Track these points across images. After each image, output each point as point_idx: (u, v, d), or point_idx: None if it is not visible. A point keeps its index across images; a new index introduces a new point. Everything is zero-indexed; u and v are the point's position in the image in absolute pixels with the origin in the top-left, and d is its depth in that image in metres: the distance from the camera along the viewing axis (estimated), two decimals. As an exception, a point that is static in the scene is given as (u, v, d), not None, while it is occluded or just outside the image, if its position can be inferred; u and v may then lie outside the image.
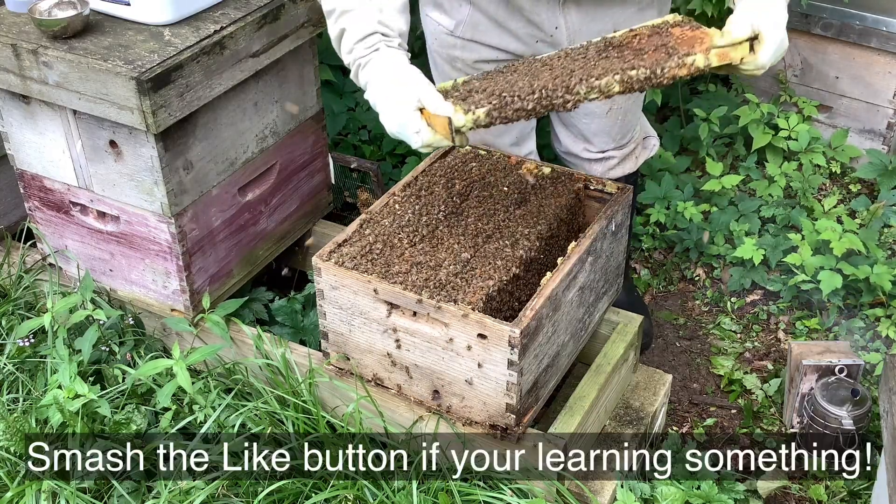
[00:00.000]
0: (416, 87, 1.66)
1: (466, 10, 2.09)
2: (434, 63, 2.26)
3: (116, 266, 2.24)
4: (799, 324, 2.66)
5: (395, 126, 1.68)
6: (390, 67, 1.70)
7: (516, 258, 1.90)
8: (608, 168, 2.39)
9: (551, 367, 1.91)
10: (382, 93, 1.70)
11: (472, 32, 2.12)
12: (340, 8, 1.74)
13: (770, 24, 1.67)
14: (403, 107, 1.65)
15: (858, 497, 2.15)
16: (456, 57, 2.17)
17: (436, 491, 1.86)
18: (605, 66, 1.69)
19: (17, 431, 1.91)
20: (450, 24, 2.13)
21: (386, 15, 1.74)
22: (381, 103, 1.70)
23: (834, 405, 2.17)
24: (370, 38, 1.73)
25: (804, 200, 2.98)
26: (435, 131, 1.64)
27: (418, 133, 1.65)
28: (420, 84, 1.67)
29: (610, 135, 2.34)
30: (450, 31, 2.14)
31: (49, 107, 2.06)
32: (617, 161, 2.40)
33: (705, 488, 2.02)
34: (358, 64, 1.74)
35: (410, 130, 1.65)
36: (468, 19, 2.10)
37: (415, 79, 1.68)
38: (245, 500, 1.92)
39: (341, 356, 2.00)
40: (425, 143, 1.66)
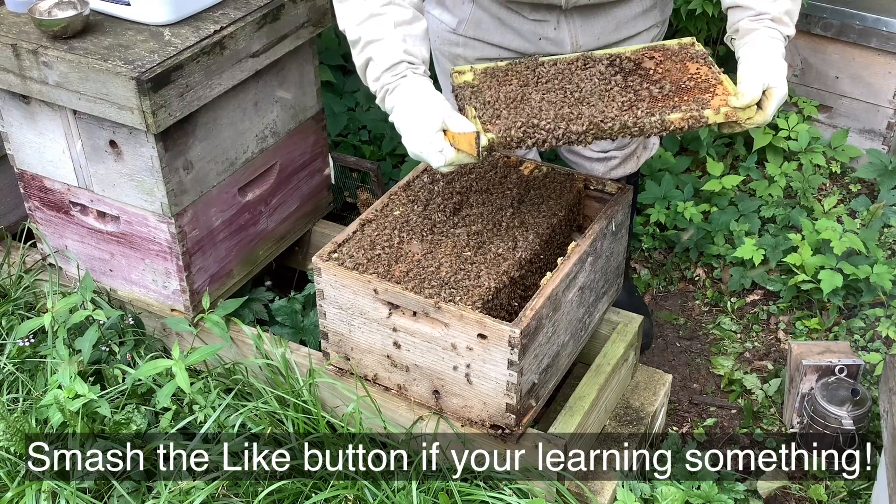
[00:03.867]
0: (440, 110, 1.72)
1: (469, 7, 2.10)
2: (437, 61, 2.26)
3: (116, 266, 2.24)
4: (799, 324, 2.66)
5: (418, 147, 1.73)
6: (416, 92, 1.76)
7: (516, 258, 1.90)
8: (610, 168, 2.39)
9: (551, 367, 1.91)
10: (407, 115, 1.75)
11: (474, 30, 2.12)
12: (366, 38, 1.78)
13: (778, 81, 1.75)
14: (427, 128, 1.71)
15: (858, 497, 2.15)
16: (458, 55, 2.17)
17: (436, 491, 1.86)
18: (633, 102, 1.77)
19: (17, 431, 1.91)
20: (452, 22, 2.14)
21: (410, 44, 1.79)
22: (405, 125, 1.76)
23: (834, 405, 2.17)
24: (398, 67, 1.77)
25: (804, 200, 2.98)
26: (458, 150, 1.70)
27: (441, 152, 1.71)
28: (444, 107, 1.73)
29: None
30: (452, 29, 2.15)
31: (49, 107, 2.06)
32: (619, 161, 2.39)
33: (705, 488, 2.02)
34: (385, 90, 1.79)
35: (434, 150, 1.71)
36: (471, 17, 2.11)
37: (439, 103, 1.74)
38: (245, 500, 1.92)
39: (341, 356, 2.00)
40: (448, 162, 1.72)
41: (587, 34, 2.09)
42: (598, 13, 2.06)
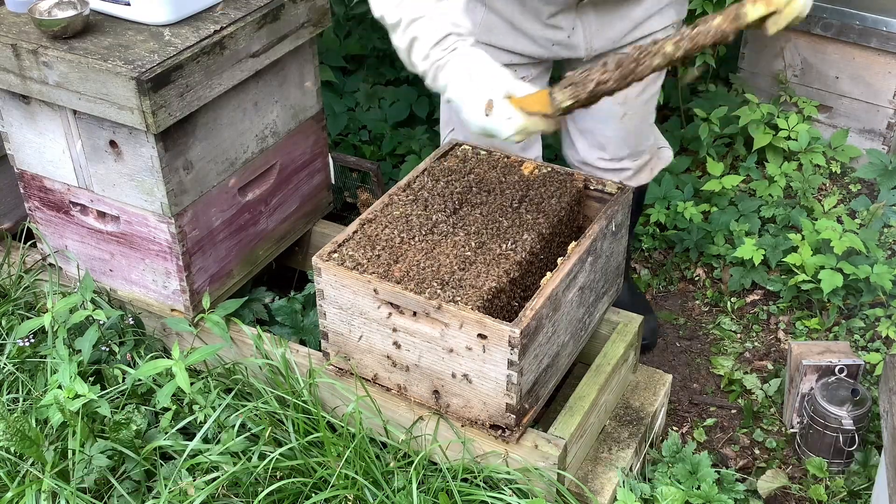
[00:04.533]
0: (502, 77, 1.66)
1: (481, 12, 2.06)
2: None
3: (116, 266, 2.24)
4: (799, 324, 2.66)
5: (484, 120, 1.65)
6: (471, 62, 1.69)
7: (516, 258, 1.90)
8: (623, 179, 2.36)
9: (551, 367, 1.91)
10: (466, 87, 1.68)
11: (487, 35, 2.08)
12: (408, 17, 1.72)
13: None
14: (492, 96, 1.64)
15: (858, 497, 2.15)
16: None
17: (436, 491, 1.86)
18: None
19: (17, 431, 1.90)
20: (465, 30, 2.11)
21: (454, 16, 1.72)
22: (465, 98, 1.68)
23: (834, 405, 2.17)
24: (446, 40, 1.71)
25: (804, 200, 2.98)
26: (529, 114, 1.62)
27: (510, 119, 1.63)
28: (505, 75, 1.67)
29: (626, 142, 2.32)
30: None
31: (49, 107, 2.06)
32: (632, 172, 2.38)
33: (705, 488, 2.02)
34: (436, 66, 1.72)
35: (503, 117, 1.63)
36: (483, 22, 2.07)
37: (499, 70, 1.67)
38: (245, 500, 1.92)
39: (341, 356, 2.00)
40: (518, 129, 1.64)
41: (602, 37, 2.08)
42: (613, 12, 2.04)
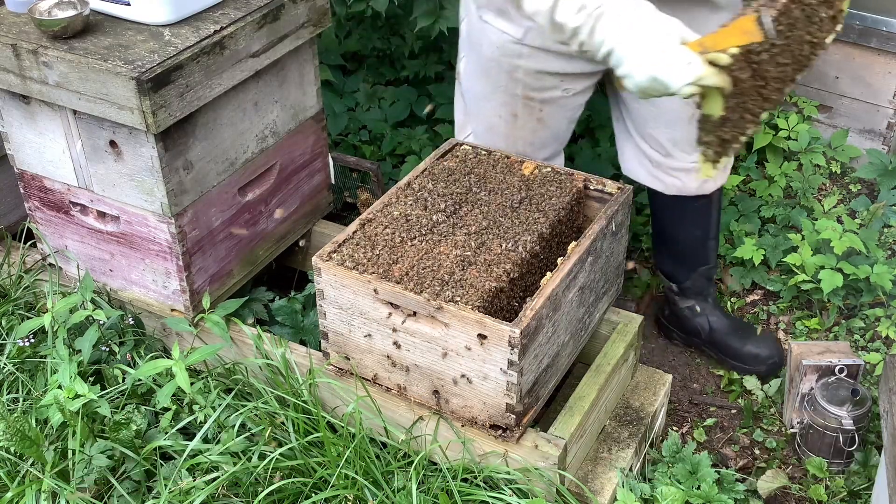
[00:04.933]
0: (673, 21, 1.58)
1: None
2: (486, 73, 2.16)
3: (116, 266, 2.24)
4: (799, 324, 2.66)
5: (658, 65, 1.55)
6: (634, 9, 1.59)
7: (516, 258, 1.90)
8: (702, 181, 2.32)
9: (551, 367, 1.91)
10: (636, 34, 1.58)
11: (541, 39, 2.03)
12: None
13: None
14: (668, 40, 1.55)
15: (858, 497, 2.15)
16: (518, 66, 2.09)
17: (436, 491, 1.86)
18: None
19: (17, 431, 1.90)
20: (517, 32, 2.04)
21: None
22: (636, 44, 1.58)
23: (834, 405, 2.17)
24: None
25: (804, 200, 2.98)
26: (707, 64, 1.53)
27: (690, 65, 1.54)
28: (675, 20, 1.58)
29: (687, 143, 2.25)
30: (517, 40, 2.05)
31: (49, 107, 2.06)
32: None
33: (705, 488, 2.02)
34: (595, 17, 1.62)
35: (682, 62, 1.53)
36: (537, 25, 1.96)
37: (667, 16, 1.58)
38: (245, 500, 1.92)
39: (341, 356, 2.00)
40: (696, 78, 1.54)
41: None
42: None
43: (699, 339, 2.59)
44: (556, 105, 2.18)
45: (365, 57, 3.51)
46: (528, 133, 2.22)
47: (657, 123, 2.22)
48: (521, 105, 2.17)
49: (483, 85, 2.19)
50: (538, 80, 2.11)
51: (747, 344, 2.51)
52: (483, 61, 2.15)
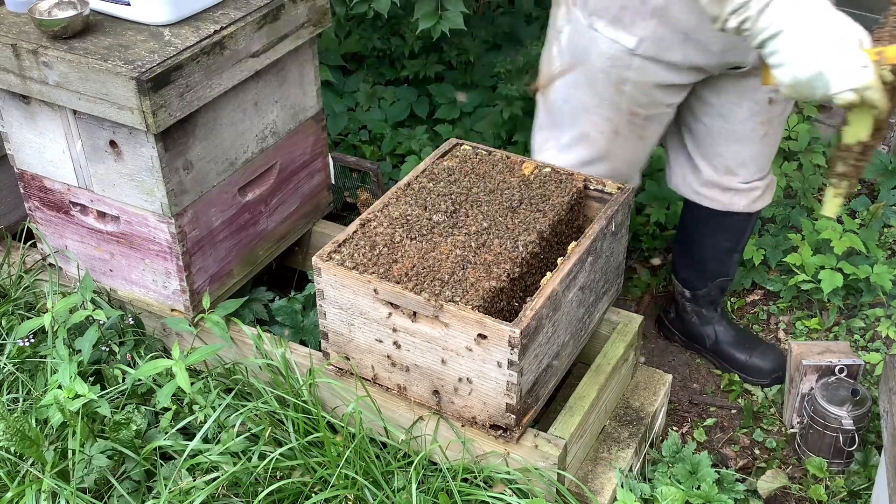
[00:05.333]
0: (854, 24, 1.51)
1: (652, 24, 1.92)
2: (592, 85, 2.07)
3: (116, 266, 2.24)
4: (799, 324, 2.66)
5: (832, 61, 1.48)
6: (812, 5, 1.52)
7: (516, 258, 1.90)
8: (752, 199, 2.31)
9: (551, 367, 1.91)
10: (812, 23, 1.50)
11: (655, 49, 1.95)
12: None
13: None
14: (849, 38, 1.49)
15: (858, 497, 2.15)
16: (627, 79, 2.02)
17: (436, 491, 1.86)
18: None
19: (17, 431, 1.90)
20: (630, 42, 1.96)
21: None
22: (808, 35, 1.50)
23: (834, 405, 2.17)
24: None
25: (804, 200, 2.98)
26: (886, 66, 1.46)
27: (865, 68, 1.47)
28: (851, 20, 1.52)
29: (758, 163, 2.26)
30: (630, 50, 1.97)
31: (49, 107, 2.06)
32: (760, 192, 2.31)
33: (705, 488, 2.02)
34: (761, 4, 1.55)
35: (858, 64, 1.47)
36: (653, 35, 1.93)
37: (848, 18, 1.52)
38: (245, 500, 1.92)
39: (341, 356, 2.00)
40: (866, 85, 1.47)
41: None
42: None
43: (702, 347, 2.59)
44: (656, 122, 2.13)
45: (365, 57, 3.51)
46: (628, 151, 2.17)
47: (727, 141, 2.19)
48: (625, 121, 2.10)
49: (588, 97, 2.09)
50: (646, 94, 2.04)
51: (752, 356, 2.49)
52: (590, 72, 2.05)
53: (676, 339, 2.65)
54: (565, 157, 2.20)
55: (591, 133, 2.14)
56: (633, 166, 2.23)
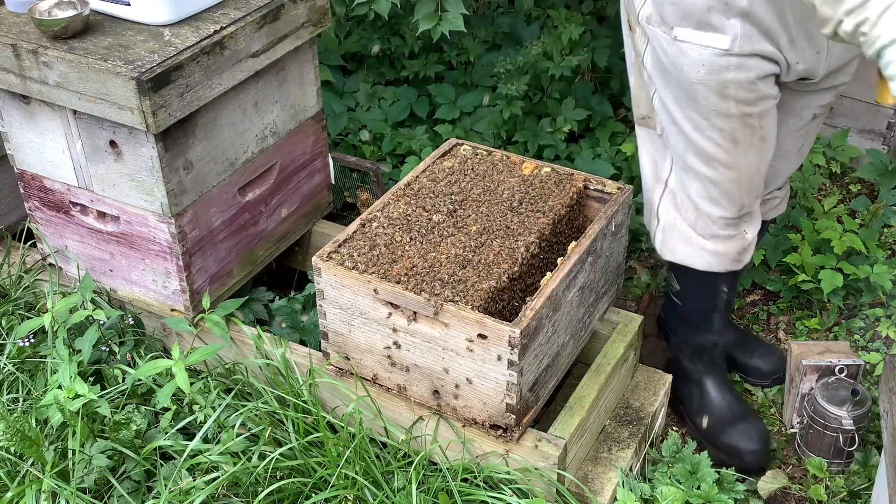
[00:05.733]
0: None
1: (738, 23, 1.84)
2: (693, 99, 1.96)
3: (116, 266, 2.24)
4: (799, 324, 2.66)
5: None
6: None
7: (516, 258, 1.90)
8: (770, 208, 2.31)
9: (551, 367, 1.91)
10: None
11: (750, 44, 1.86)
12: None
13: None
14: None
15: (858, 497, 2.15)
16: (729, 81, 1.90)
17: (436, 491, 1.86)
18: None
19: (17, 431, 1.91)
20: (724, 42, 1.85)
21: None
22: None
23: (834, 405, 2.17)
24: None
25: (804, 200, 2.98)
26: None
27: None
28: None
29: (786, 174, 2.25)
30: (725, 51, 1.86)
31: (49, 107, 2.06)
32: (778, 201, 2.32)
33: (705, 488, 2.02)
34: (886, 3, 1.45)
35: None
36: (742, 31, 1.84)
37: None
38: (245, 500, 1.92)
39: (341, 356, 2.00)
40: None
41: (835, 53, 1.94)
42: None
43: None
44: (770, 117, 1.99)
45: (365, 57, 3.51)
46: (753, 157, 2.02)
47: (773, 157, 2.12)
48: (739, 126, 1.96)
49: (693, 113, 1.98)
50: (751, 90, 1.92)
51: (753, 357, 2.48)
52: (687, 87, 1.94)
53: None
54: (691, 183, 2.08)
55: (707, 149, 2.00)
56: (764, 171, 2.08)
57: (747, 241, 2.16)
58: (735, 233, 2.13)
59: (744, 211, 2.10)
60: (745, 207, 2.10)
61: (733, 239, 2.14)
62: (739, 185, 2.04)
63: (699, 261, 2.17)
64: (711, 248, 2.15)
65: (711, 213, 2.09)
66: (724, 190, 2.05)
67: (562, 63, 3.03)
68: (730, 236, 2.14)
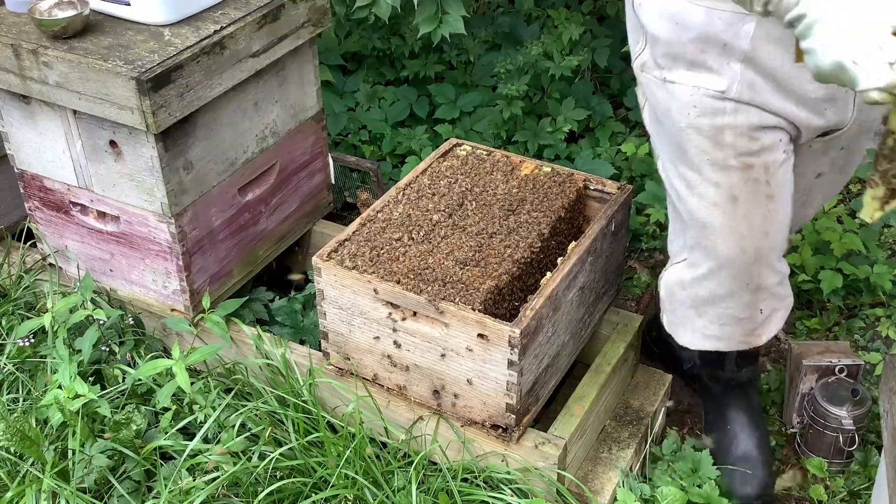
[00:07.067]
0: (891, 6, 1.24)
1: (737, 67, 1.63)
2: (683, 148, 1.72)
3: (116, 266, 2.24)
4: (799, 324, 2.65)
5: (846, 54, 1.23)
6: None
7: (516, 258, 1.90)
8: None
9: (551, 367, 1.91)
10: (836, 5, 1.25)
11: (749, 93, 1.64)
12: None
13: None
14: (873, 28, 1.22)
15: (858, 497, 2.15)
16: (725, 126, 1.66)
17: (436, 491, 1.86)
18: None
19: (17, 431, 1.91)
20: (720, 84, 1.64)
21: None
22: (831, 20, 1.25)
23: (834, 405, 2.17)
24: None
25: (804, 200, 2.98)
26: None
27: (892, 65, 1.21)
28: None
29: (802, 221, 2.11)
30: (720, 94, 1.64)
31: (49, 107, 2.06)
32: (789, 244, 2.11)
33: (706, 488, 2.02)
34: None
35: (879, 61, 1.21)
36: (742, 77, 1.63)
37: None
38: (245, 500, 1.92)
39: (341, 356, 2.00)
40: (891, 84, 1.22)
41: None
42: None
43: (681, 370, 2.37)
44: (783, 169, 1.71)
45: (365, 57, 3.51)
46: (757, 219, 1.73)
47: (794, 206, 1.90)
48: (740, 180, 1.69)
49: (685, 169, 1.74)
50: (753, 137, 1.67)
51: None
52: (677, 135, 1.71)
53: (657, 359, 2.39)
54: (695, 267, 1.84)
55: (701, 213, 1.74)
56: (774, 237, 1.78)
57: (757, 321, 1.87)
58: (743, 315, 1.84)
59: (754, 285, 1.81)
60: (753, 281, 1.80)
61: (739, 321, 1.86)
62: (743, 254, 1.75)
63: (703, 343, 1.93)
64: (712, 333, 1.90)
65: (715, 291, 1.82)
66: (723, 260, 1.77)
67: (562, 63, 3.03)
68: (734, 316, 1.85)
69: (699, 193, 1.72)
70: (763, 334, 1.92)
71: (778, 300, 1.88)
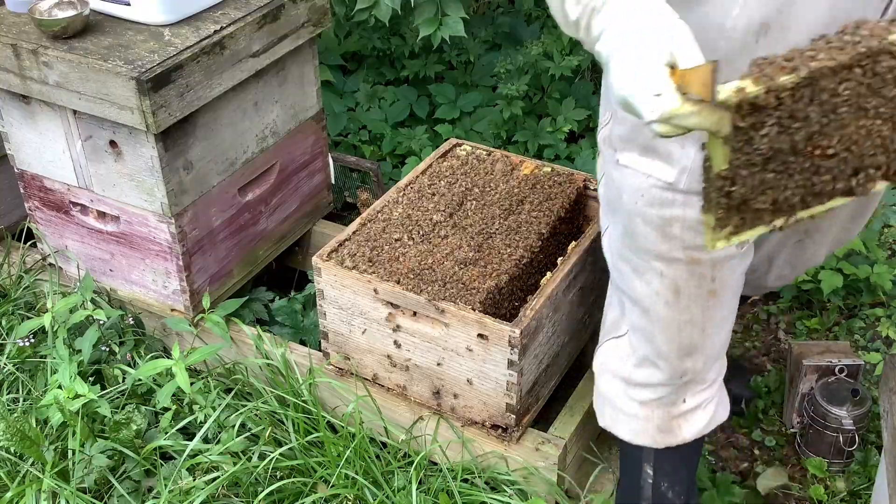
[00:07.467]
0: (669, 34, 1.17)
1: (692, 152, 1.48)
2: (631, 235, 1.61)
3: (116, 266, 2.24)
4: (799, 324, 2.66)
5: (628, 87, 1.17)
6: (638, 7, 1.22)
7: (516, 258, 1.90)
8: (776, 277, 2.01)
9: (551, 367, 1.91)
10: (621, 41, 1.21)
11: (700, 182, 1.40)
12: None
13: None
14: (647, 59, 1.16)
15: (858, 497, 2.15)
16: (672, 218, 1.53)
17: (436, 491, 1.86)
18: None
19: (17, 431, 1.91)
20: (669, 175, 1.51)
21: None
22: (616, 54, 1.21)
23: (834, 405, 2.17)
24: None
25: (804, 200, 2.98)
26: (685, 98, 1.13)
27: (659, 97, 1.13)
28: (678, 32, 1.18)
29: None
30: (668, 185, 1.51)
31: (49, 107, 2.06)
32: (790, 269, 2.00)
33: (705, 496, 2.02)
34: (592, 9, 1.28)
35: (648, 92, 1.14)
36: (695, 164, 1.48)
37: (671, 25, 1.18)
38: (245, 500, 1.92)
39: (341, 356, 2.00)
40: (665, 114, 1.13)
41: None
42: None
43: None
44: (729, 269, 1.61)
45: (365, 57, 3.51)
46: (698, 314, 1.63)
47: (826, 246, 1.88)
48: (685, 273, 1.59)
49: (631, 252, 1.64)
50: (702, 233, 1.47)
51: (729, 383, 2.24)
52: (626, 220, 1.60)
53: None
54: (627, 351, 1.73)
55: (646, 301, 1.65)
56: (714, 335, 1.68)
57: (679, 411, 1.73)
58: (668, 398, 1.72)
59: (686, 378, 1.70)
60: (687, 374, 1.69)
61: (662, 404, 1.73)
62: (679, 347, 1.66)
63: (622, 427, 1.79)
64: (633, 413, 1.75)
65: (649, 379, 1.72)
66: (658, 350, 1.67)
67: (562, 63, 3.03)
68: (658, 399, 1.73)
69: (646, 280, 1.64)
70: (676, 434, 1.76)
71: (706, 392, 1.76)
